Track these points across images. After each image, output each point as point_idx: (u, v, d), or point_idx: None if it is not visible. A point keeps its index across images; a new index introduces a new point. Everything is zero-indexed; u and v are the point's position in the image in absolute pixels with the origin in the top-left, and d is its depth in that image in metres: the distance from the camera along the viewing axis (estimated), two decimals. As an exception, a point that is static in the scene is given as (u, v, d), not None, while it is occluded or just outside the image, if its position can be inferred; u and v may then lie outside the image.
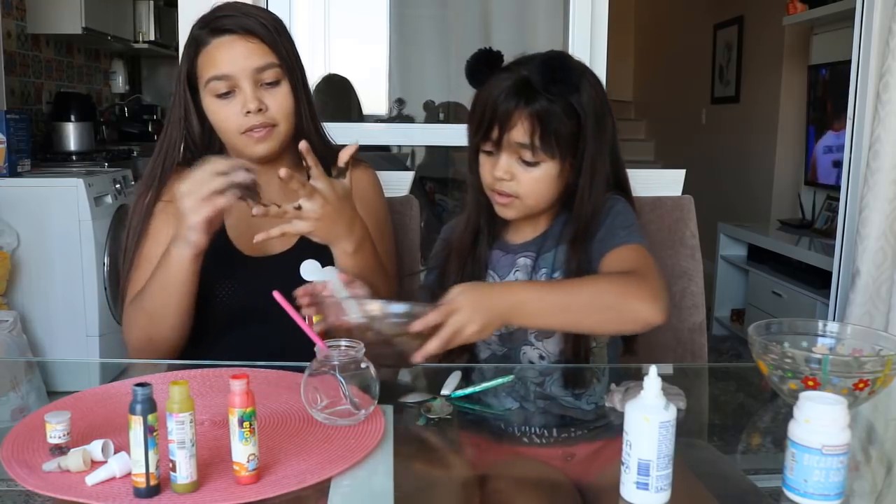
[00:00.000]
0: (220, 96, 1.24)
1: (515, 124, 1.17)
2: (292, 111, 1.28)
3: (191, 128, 1.30)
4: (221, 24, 1.23)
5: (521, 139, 1.18)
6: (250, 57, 1.23)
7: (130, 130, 4.76)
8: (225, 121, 1.25)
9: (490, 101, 1.18)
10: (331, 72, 2.66)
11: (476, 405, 1.09)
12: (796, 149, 4.32)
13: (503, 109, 1.17)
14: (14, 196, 2.94)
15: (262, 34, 1.24)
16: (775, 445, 1.00)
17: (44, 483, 0.81)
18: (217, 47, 1.23)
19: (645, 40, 6.77)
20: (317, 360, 0.97)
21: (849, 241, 2.33)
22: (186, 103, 1.29)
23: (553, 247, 1.28)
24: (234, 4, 1.28)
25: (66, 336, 2.99)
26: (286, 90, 1.26)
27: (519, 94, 1.16)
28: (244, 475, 0.81)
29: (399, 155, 3.27)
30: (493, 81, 1.19)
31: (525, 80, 1.16)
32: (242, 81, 1.23)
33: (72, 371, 1.66)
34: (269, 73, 1.24)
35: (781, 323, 1.11)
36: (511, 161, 1.20)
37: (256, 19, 1.24)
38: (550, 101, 1.16)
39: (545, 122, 1.16)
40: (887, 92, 2.10)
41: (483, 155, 1.24)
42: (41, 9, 3.92)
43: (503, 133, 1.18)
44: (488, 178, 1.23)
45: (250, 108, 1.22)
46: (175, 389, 0.78)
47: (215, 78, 1.23)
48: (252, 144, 1.26)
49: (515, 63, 1.22)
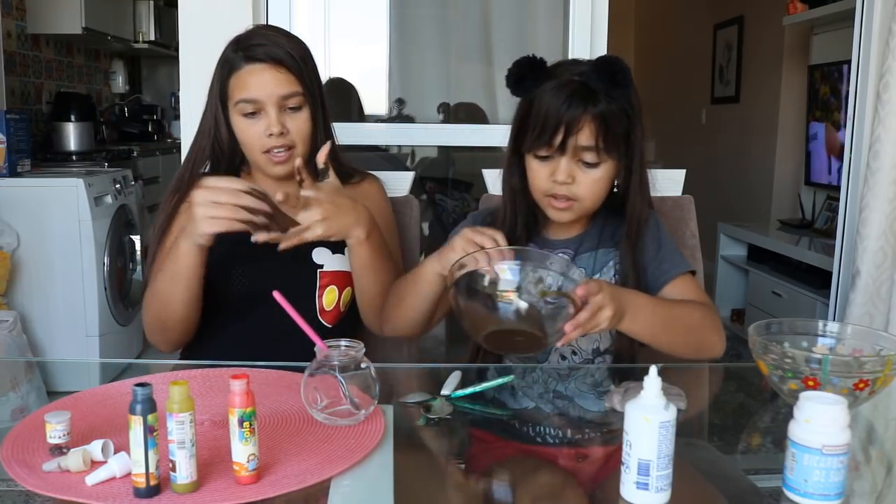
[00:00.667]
0: (246, 115, 1.34)
1: (582, 128, 1.18)
2: (310, 135, 1.37)
3: (220, 137, 1.40)
4: (254, 53, 1.33)
5: (586, 142, 1.19)
6: (278, 85, 1.33)
7: (130, 130, 4.76)
8: (250, 138, 1.35)
9: (552, 108, 1.18)
10: (333, 75, 2.66)
11: (476, 405, 1.09)
12: (796, 149, 4.32)
13: (570, 115, 1.18)
14: (14, 196, 2.94)
15: (290, 64, 1.34)
16: (775, 445, 1.00)
17: (44, 483, 0.81)
18: (249, 73, 1.33)
19: (645, 40, 6.77)
20: (317, 360, 0.97)
21: (849, 241, 2.33)
22: (217, 115, 1.39)
23: (592, 248, 1.31)
24: (267, 33, 1.38)
25: (66, 336, 2.99)
26: (306, 116, 1.36)
27: (583, 98, 1.18)
28: (244, 475, 0.81)
29: (399, 155, 3.27)
30: (549, 89, 1.20)
31: (585, 85, 1.18)
32: (268, 106, 1.33)
33: (72, 371, 1.67)
34: (293, 100, 1.34)
35: (781, 323, 1.11)
36: (571, 164, 1.21)
37: (285, 49, 1.34)
38: (610, 103, 1.19)
39: (608, 124, 1.19)
40: (887, 92, 2.10)
41: (535, 161, 1.24)
42: (41, 9, 3.92)
43: (567, 137, 1.19)
44: (545, 184, 1.23)
45: (273, 130, 1.33)
46: (175, 389, 0.78)
47: (244, 101, 1.33)
48: (272, 165, 1.36)
49: (560, 68, 1.23)
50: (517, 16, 2.66)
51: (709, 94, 5.44)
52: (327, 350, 0.97)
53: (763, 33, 4.69)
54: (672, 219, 1.61)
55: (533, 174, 1.25)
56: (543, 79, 1.21)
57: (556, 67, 1.24)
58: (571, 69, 1.22)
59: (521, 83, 1.23)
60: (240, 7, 2.00)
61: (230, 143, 1.40)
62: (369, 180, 1.52)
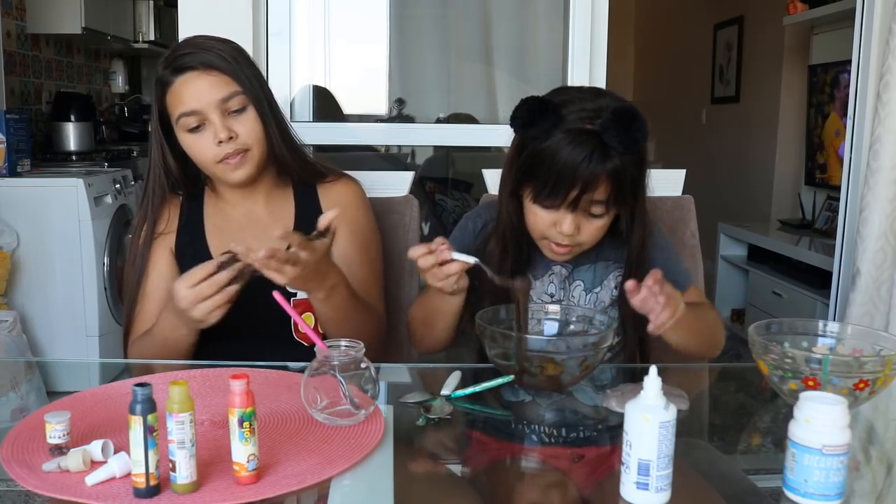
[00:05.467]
0: (191, 131, 1.29)
1: (598, 186, 1.15)
2: (262, 135, 1.32)
3: (169, 168, 1.36)
4: (182, 63, 1.28)
5: (599, 198, 1.17)
6: (213, 89, 1.27)
7: (130, 130, 4.76)
8: (200, 153, 1.30)
9: (569, 164, 1.13)
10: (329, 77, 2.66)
11: (476, 405, 1.09)
12: (796, 149, 4.32)
13: (588, 172, 1.13)
14: (14, 196, 2.94)
15: (222, 66, 1.28)
16: (775, 445, 1.00)
17: (44, 483, 0.81)
18: (181, 85, 1.28)
19: (645, 40, 6.77)
20: (317, 360, 0.97)
21: (849, 241, 2.33)
22: (162, 145, 1.34)
23: (591, 262, 1.31)
24: (192, 41, 1.32)
25: (66, 336, 2.99)
26: (253, 115, 1.31)
27: (602, 156, 1.13)
28: (244, 475, 0.81)
29: (399, 155, 3.27)
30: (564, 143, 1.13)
31: (601, 141, 1.12)
32: (210, 114, 1.27)
33: (72, 371, 1.66)
34: (234, 102, 1.29)
35: (781, 323, 1.11)
36: (579, 217, 1.19)
37: (215, 52, 1.29)
38: (624, 158, 1.14)
39: (622, 179, 1.16)
40: (887, 92, 2.10)
41: (539, 208, 1.20)
42: (41, 9, 3.92)
43: (581, 194, 1.15)
44: (546, 231, 1.21)
45: (221, 137, 1.27)
46: (175, 389, 0.78)
47: (184, 114, 1.28)
48: (229, 172, 1.31)
49: (571, 109, 1.16)
50: (517, 16, 2.66)
51: (709, 94, 5.44)
52: (327, 350, 0.97)
53: (763, 33, 4.69)
54: (672, 219, 1.62)
55: (535, 219, 1.22)
56: (554, 122, 1.14)
57: (564, 105, 1.16)
58: (583, 112, 1.15)
59: (531, 126, 1.16)
60: (240, 7, 2.00)
61: (179, 169, 1.36)
62: (345, 181, 1.45)
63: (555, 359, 1.07)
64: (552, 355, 1.08)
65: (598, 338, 1.08)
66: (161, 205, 1.38)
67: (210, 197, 1.42)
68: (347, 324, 1.26)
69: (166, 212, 1.39)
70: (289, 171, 1.40)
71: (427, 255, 1.13)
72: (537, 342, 1.11)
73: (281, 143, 1.35)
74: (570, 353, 1.07)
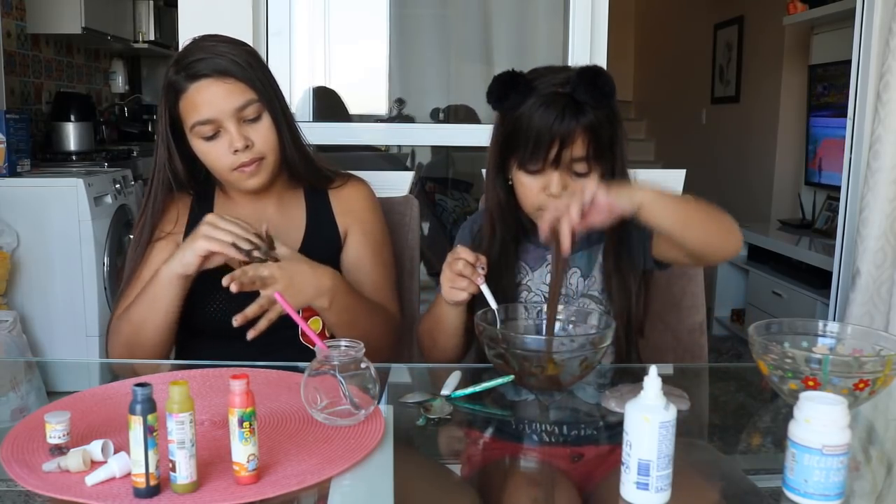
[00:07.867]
0: (206, 139, 1.27)
1: (574, 140, 1.19)
2: (277, 142, 1.31)
3: (175, 170, 1.33)
4: (196, 70, 1.25)
5: (578, 154, 1.20)
6: (229, 98, 1.25)
7: (130, 130, 4.76)
8: (216, 161, 1.29)
9: (544, 123, 1.18)
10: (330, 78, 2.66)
11: (476, 405, 1.09)
12: (796, 149, 4.32)
13: (563, 129, 1.18)
14: (14, 196, 2.94)
15: (237, 72, 1.26)
16: (775, 445, 1.00)
17: (44, 483, 0.81)
18: (196, 92, 1.25)
19: (645, 40, 6.77)
20: (317, 360, 0.97)
21: (849, 241, 2.33)
22: (169, 147, 1.32)
23: (584, 246, 1.31)
24: (204, 45, 1.29)
25: (66, 336, 2.99)
26: (268, 123, 1.29)
27: (574, 111, 1.18)
28: (244, 475, 0.81)
29: (399, 155, 3.27)
30: (537, 105, 1.19)
31: (571, 98, 1.18)
32: (226, 122, 1.25)
33: (72, 371, 1.66)
34: (250, 110, 1.27)
35: (781, 323, 1.11)
36: (564, 176, 1.21)
37: (228, 57, 1.26)
38: (597, 113, 1.19)
39: (597, 134, 1.20)
40: (887, 92, 2.10)
41: (526, 176, 1.24)
42: (41, 9, 3.92)
43: (562, 151, 1.19)
44: (537, 198, 1.23)
45: (237, 146, 1.26)
46: (175, 389, 0.78)
47: (199, 123, 1.26)
48: (244, 180, 1.30)
49: (541, 80, 1.22)
50: (517, 16, 2.66)
51: (709, 94, 5.44)
52: (327, 350, 0.97)
53: (763, 33, 4.69)
54: (672, 219, 1.61)
55: (524, 189, 1.25)
56: (527, 93, 1.21)
57: (536, 79, 1.22)
58: (553, 80, 1.21)
59: (505, 99, 1.22)
60: (240, 7, 2.00)
61: (186, 171, 1.34)
62: (353, 183, 1.45)
63: (555, 359, 1.07)
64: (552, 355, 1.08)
65: (597, 337, 1.08)
66: (164, 206, 1.36)
67: (220, 198, 1.41)
68: (356, 327, 1.25)
69: (174, 212, 1.37)
70: (299, 176, 1.39)
71: (468, 265, 1.16)
72: (537, 342, 1.11)
73: (293, 148, 1.35)
74: (570, 353, 1.07)
